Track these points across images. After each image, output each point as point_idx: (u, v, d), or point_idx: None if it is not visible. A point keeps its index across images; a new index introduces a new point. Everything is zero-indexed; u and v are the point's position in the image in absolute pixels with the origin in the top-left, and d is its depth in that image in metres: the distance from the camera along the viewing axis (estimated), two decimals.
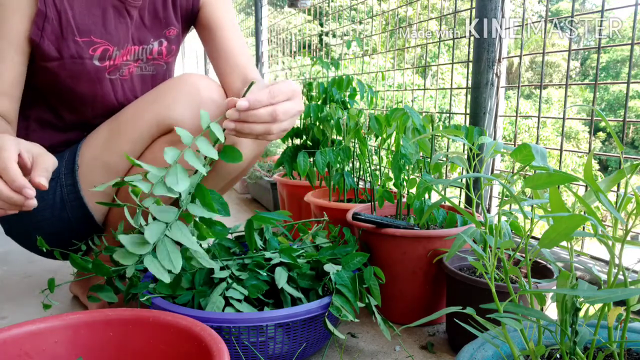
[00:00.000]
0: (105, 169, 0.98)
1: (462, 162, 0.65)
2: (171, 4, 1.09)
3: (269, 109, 0.79)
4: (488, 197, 1.38)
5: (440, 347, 0.95)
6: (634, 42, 1.00)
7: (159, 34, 1.09)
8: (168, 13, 1.08)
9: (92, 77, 1.00)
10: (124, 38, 1.03)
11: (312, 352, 0.90)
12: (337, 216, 1.21)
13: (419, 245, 0.99)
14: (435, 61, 3.74)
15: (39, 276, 1.36)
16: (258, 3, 3.26)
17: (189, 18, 1.13)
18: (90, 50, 0.98)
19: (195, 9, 1.11)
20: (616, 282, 0.51)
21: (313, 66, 2.04)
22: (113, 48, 1.01)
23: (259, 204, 2.35)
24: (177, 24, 1.10)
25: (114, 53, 1.01)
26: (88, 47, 0.98)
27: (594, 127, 1.14)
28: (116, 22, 1.00)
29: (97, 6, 0.98)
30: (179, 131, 0.78)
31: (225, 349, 0.60)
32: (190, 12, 1.12)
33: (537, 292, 0.58)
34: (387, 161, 1.35)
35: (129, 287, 0.89)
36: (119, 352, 0.70)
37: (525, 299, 0.82)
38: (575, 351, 0.52)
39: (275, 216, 0.97)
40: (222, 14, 1.11)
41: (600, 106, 11.49)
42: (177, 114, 0.93)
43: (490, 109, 1.33)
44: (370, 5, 2.21)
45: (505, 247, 0.55)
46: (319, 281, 0.92)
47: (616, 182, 0.54)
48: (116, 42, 1.01)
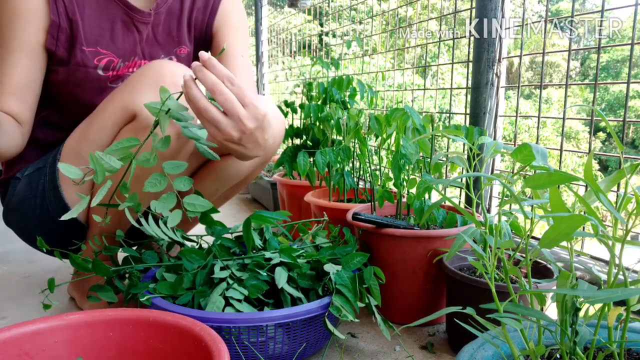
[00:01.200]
0: (78, 158, 1.00)
1: (462, 162, 0.65)
2: (186, 25, 1.11)
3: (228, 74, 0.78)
4: (488, 197, 1.38)
5: (440, 347, 0.95)
6: (634, 42, 1.00)
7: (170, 51, 1.12)
8: (181, 32, 1.11)
9: (94, 85, 1.04)
10: (131, 51, 1.06)
11: (312, 352, 0.90)
12: (337, 216, 1.21)
13: (419, 245, 0.99)
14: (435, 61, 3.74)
15: (39, 276, 1.36)
16: (258, 3, 3.26)
17: (203, 41, 1.15)
18: (95, 60, 1.02)
19: (210, 32, 1.14)
20: (616, 282, 0.51)
21: (313, 66, 2.04)
22: (118, 60, 1.05)
23: (259, 204, 2.35)
24: (189, 44, 1.13)
25: (118, 65, 1.05)
26: (94, 56, 1.02)
27: (594, 127, 1.14)
28: (124, 36, 1.04)
29: (106, 20, 1.02)
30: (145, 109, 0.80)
31: (225, 349, 0.60)
32: (204, 35, 1.14)
33: (537, 292, 0.58)
34: (387, 161, 1.35)
35: (129, 287, 0.89)
36: (119, 352, 0.70)
37: (525, 299, 0.82)
38: (575, 351, 0.52)
39: (274, 216, 0.97)
40: (232, 40, 1.12)
41: (601, 106, 11.49)
42: (139, 99, 0.93)
43: (490, 109, 1.33)
44: (370, 5, 2.21)
45: (505, 247, 0.55)
46: (319, 281, 0.92)
47: (616, 182, 0.54)
48: (122, 55, 1.05)
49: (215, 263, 0.91)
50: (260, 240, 1.01)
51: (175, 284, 0.87)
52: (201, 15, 1.12)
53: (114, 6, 1.02)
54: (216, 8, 1.13)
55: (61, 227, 1.01)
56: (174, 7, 1.10)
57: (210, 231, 0.99)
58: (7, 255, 1.55)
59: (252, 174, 1.21)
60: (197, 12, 1.12)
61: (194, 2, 1.11)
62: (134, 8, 1.03)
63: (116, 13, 1.02)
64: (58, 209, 1.02)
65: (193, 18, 1.11)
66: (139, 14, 1.04)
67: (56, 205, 1.02)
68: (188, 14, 1.11)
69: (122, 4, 1.02)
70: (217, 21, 1.13)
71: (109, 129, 0.97)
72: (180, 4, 1.10)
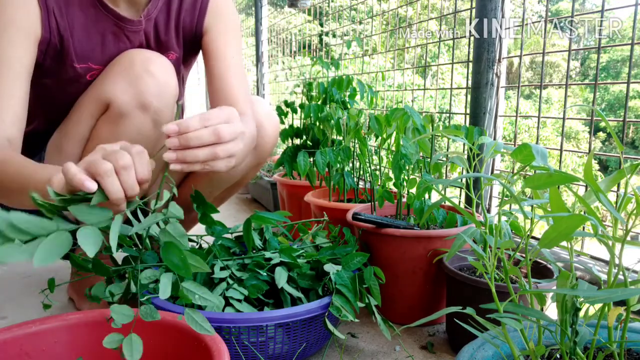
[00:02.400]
0: (60, 154, 1.00)
1: (462, 162, 0.65)
2: (174, 29, 1.07)
3: (210, 128, 0.71)
4: (488, 197, 1.38)
5: (440, 347, 0.95)
6: (634, 42, 1.00)
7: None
8: (169, 37, 1.06)
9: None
10: None
11: (312, 352, 0.90)
12: (337, 216, 1.21)
13: (419, 245, 0.99)
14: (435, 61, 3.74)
15: (39, 276, 1.36)
16: (258, 3, 3.26)
17: (194, 43, 1.10)
18: (88, 76, 1.00)
19: (199, 34, 1.09)
20: (616, 282, 0.51)
21: (313, 66, 2.04)
22: None
23: (259, 204, 2.35)
24: (177, 49, 1.09)
25: None
26: (85, 72, 1.00)
27: (594, 127, 1.14)
28: (115, 47, 1.00)
29: (96, 33, 0.98)
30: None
31: (225, 349, 0.61)
32: (194, 36, 1.09)
33: (537, 292, 0.58)
34: (387, 161, 1.35)
35: (129, 287, 0.89)
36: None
37: (525, 299, 0.82)
38: (575, 351, 0.52)
39: (274, 216, 0.97)
40: (223, 42, 1.07)
41: (601, 106, 11.49)
42: (111, 87, 0.92)
43: (490, 109, 1.33)
44: (370, 5, 2.21)
45: (505, 247, 0.55)
46: (319, 281, 0.92)
47: (616, 182, 0.54)
48: None
49: (215, 263, 0.91)
50: (260, 240, 1.01)
51: (176, 284, 0.87)
52: (189, 16, 1.07)
53: (103, 18, 0.97)
54: (205, 8, 1.07)
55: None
56: (162, 11, 1.05)
57: (210, 231, 0.99)
58: None
59: (247, 176, 1.21)
60: (185, 13, 1.06)
61: (181, 4, 1.06)
62: (123, 18, 0.98)
63: (106, 25, 0.98)
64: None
65: (181, 20, 1.06)
66: (130, 24, 0.99)
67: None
68: (175, 17, 1.06)
69: (111, 15, 0.98)
70: (206, 21, 1.08)
71: (85, 122, 0.97)
72: (167, 8, 1.05)
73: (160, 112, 0.95)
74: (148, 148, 0.95)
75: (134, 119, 0.93)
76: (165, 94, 0.94)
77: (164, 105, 0.95)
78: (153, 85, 0.92)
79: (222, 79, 1.04)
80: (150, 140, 0.96)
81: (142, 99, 0.92)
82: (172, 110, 0.97)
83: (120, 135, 0.93)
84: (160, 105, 0.94)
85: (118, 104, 0.91)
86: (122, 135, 0.93)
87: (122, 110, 0.91)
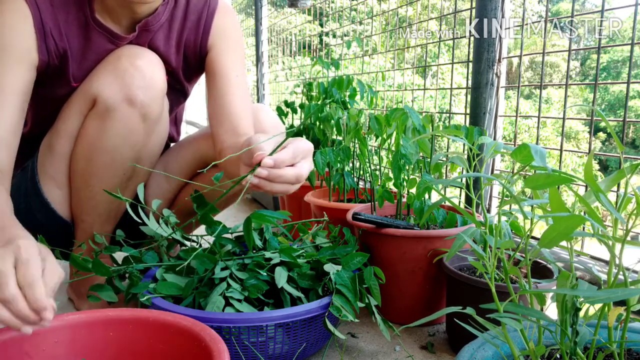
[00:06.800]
0: (52, 153, 1.00)
1: (462, 162, 0.65)
2: (175, 45, 1.05)
3: (296, 171, 0.75)
4: (488, 197, 1.37)
5: (440, 347, 0.95)
6: (634, 42, 1.00)
7: None
8: (168, 49, 1.05)
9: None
10: None
11: (312, 352, 0.90)
12: (337, 216, 1.21)
13: (419, 245, 0.99)
14: (435, 61, 3.74)
15: None
16: (258, 3, 3.26)
17: (198, 59, 1.08)
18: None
19: (204, 52, 1.07)
20: (616, 282, 0.51)
21: (313, 66, 2.04)
22: None
23: (259, 204, 2.35)
24: (173, 63, 1.07)
25: None
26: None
27: (594, 127, 1.14)
28: None
29: (91, 51, 0.98)
30: None
31: (225, 349, 0.61)
32: (199, 54, 1.07)
33: (537, 292, 0.58)
34: (387, 161, 1.35)
35: (129, 287, 0.89)
36: (119, 352, 0.70)
37: (525, 299, 0.82)
38: (576, 351, 0.52)
39: (274, 215, 0.97)
40: (226, 60, 1.05)
41: (601, 106, 11.49)
42: (97, 83, 0.92)
43: (490, 109, 1.33)
44: (370, 6, 2.21)
45: (505, 247, 0.55)
46: (319, 281, 0.92)
47: (616, 182, 0.54)
48: None
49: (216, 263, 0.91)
50: (260, 240, 1.01)
51: (186, 287, 0.87)
52: (193, 35, 1.05)
53: (97, 36, 0.97)
54: (209, 26, 1.06)
55: (45, 225, 1.01)
56: (164, 27, 1.03)
57: (210, 231, 0.99)
58: None
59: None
60: (189, 32, 1.05)
61: (185, 22, 1.04)
62: (117, 35, 0.98)
63: (100, 43, 0.97)
64: (37, 205, 1.02)
65: (184, 39, 1.05)
66: (124, 41, 0.99)
67: (38, 202, 1.02)
68: (178, 34, 1.04)
69: (106, 32, 0.97)
70: (211, 39, 1.06)
71: (74, 119, 0.97)
72: (169, 25, 1.03)
73: (147, 106, 0.94)
74: (137, 144, 0.95)
75: (120, 114, 0.92)
76: (151, 87, 0.93)
77: (151, 99, 0.94)
78: (139, 79, 0.92)
79: (224, 98, 1.02)
80: (139, 135, 0.95)
81: (128, 92, 0.91)
82: (160, 104, 0.96)
83: (108, 130, 0.93)
84: (147, 98, 0.93)
85: (104, 98, 0.91)
86: (110, 130, 0.93)
87: (108, 105, 0.91)
